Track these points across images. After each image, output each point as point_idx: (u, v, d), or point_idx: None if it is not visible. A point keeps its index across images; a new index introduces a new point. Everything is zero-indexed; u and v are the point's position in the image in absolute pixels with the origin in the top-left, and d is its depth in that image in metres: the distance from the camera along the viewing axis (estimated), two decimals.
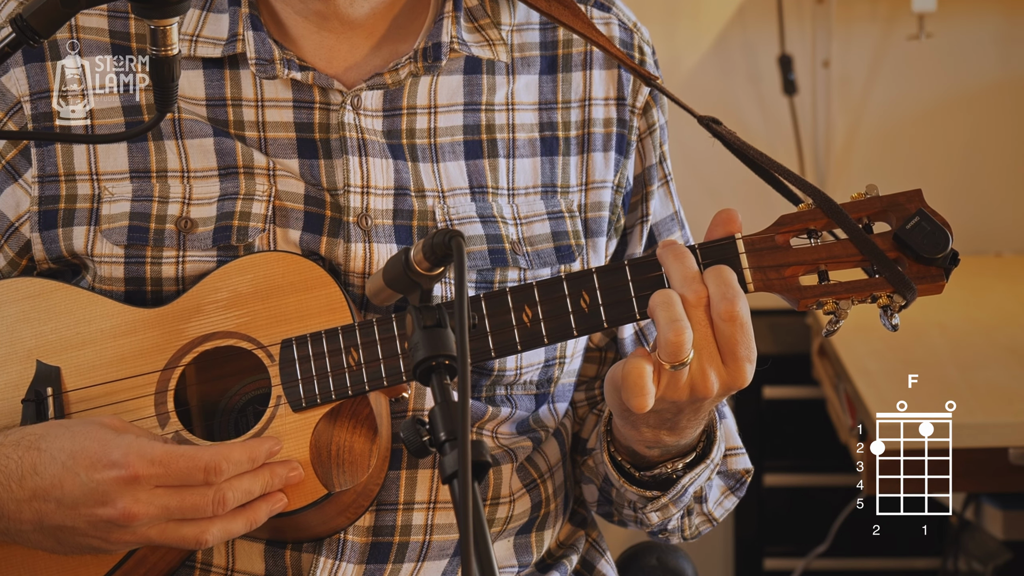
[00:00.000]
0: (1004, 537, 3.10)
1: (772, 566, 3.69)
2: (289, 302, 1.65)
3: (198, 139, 1.72)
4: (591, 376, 1.89)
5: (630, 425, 1.64)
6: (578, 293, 1.60)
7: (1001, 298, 3.39)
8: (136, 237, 1.70)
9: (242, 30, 1.73)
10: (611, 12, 1.84)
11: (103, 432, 1.58)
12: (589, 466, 1.87)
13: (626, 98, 1.82)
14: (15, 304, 1.70)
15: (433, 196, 1.73)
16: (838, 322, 1.58)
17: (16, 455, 1.58)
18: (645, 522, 1.79)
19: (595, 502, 1.89)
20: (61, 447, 1.57)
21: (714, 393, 1.56)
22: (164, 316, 1.67)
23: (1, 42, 1.43)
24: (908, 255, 1.57)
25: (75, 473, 1.56)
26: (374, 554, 1.71)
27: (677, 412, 1.60)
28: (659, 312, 1.54)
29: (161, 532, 1.57)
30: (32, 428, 1.61)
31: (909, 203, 1.58)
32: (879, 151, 3.83)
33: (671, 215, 1.88)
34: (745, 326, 1.54)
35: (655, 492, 1.73)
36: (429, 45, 1.75)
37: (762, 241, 1.59)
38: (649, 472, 1.71)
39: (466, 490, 1.24)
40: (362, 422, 1.64)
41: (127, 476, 1.55)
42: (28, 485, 1.57)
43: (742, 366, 1.55)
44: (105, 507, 1.55)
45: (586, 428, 1.89)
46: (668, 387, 1.55)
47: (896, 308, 1.57)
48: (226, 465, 1.56)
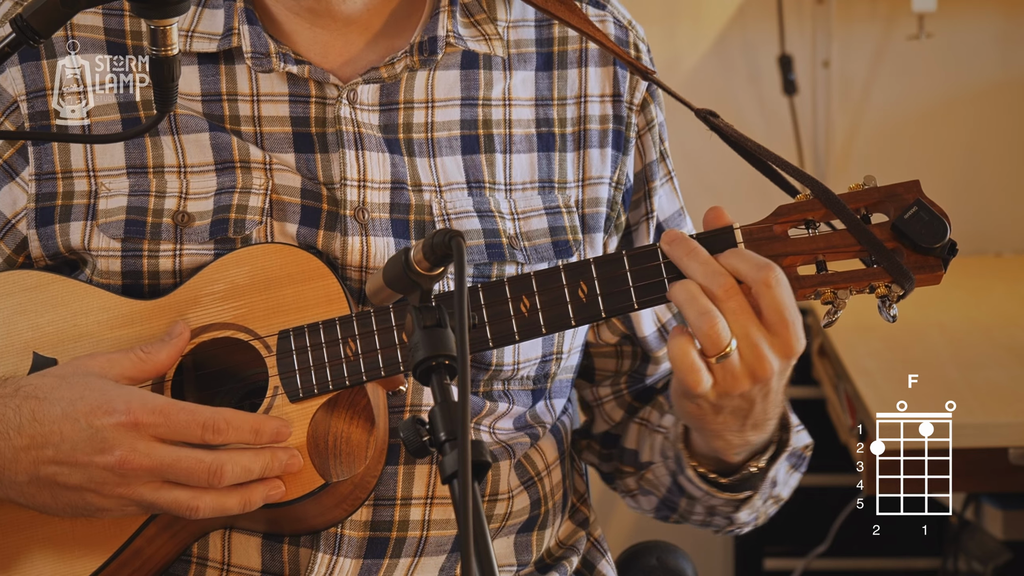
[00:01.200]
0: (1004, 537, 3.09)
1: (772, 566, 3.69)
2: (287, 293, 1.65)
3: (194, 134, 1.73)
4: (612, 370, 1.90)
5: (713, 436, 1.64)
6: (576, 283, 1.60)
7: (1001, 298, 3.39)
8: (133, 231, 1.70)
9: (237, 24, 1.73)
10: (606, 10, 1.84)
11: (103, 383, 1.59)
12: (648, 479, 1.86)
13: (622, 95, 1.82)
14: (12, 297, 1.71)
15: (430, 190, 1.73)
16: (836, 312, 1.58)
17: (14, 404, 1.58)
18: (735, 522, 1.79)
19: (652, 509, 1.89)
20: (61, 395, 1.57)
21: (775, 370, 1.55)
22: (161, 308, 1.67)
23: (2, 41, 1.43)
24: (906, 245, 1.57)
25: (75, 419, 1.56)
26: (371, 549, 1.71)
27: (751, 404, 1.59)
28: (686, 308, 1.54)
29: (155, 491, 1.57)
30: (30, 378, 1.61)
31: (907, 193, 1.59)
32: (879, 151, 3.83)
33: (678, 210, 1.89)
34: (787, 287, 1.54)
35: (747, 492, 1.73)
36: (425, 39, 1.75)
37: (760, 231, 1.59)
38: (736, 476, 1.72)
39: (466, 490, 1.24)
40: (359, 413, 1.64)
41: (127, 422, 1.55)
42: (27, 432, 1.57)
43: (792, 329, 1.54)
44: (103, 454, 1.55)
45: (630, 438, 1.89)
46: (726, 379, 1.55)
47: (894, 298, 1.57)
48: (224, 426, 1.57)
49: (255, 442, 1.59)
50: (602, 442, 1.94)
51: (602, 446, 1.94)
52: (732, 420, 1.61)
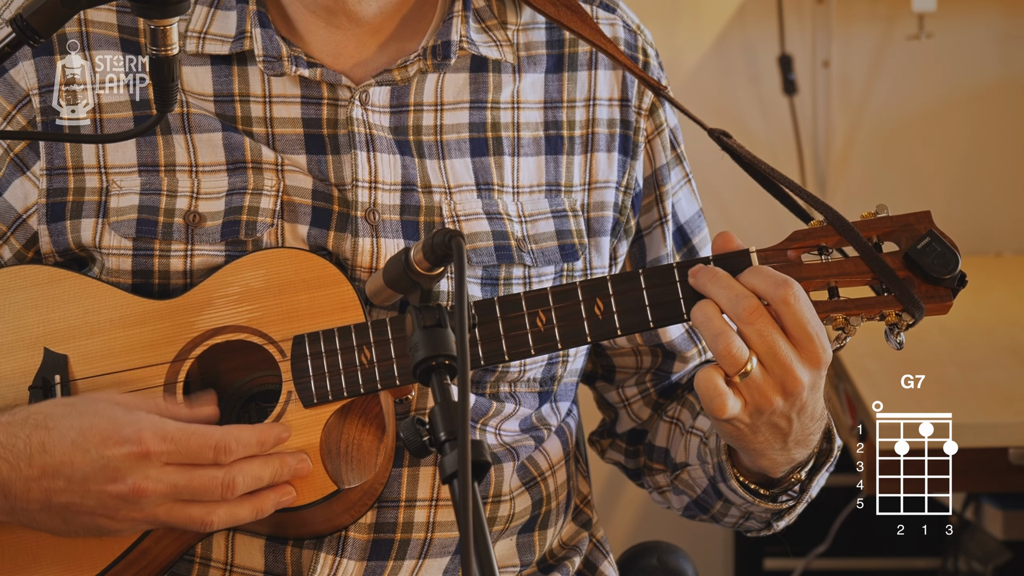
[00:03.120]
0: (1004, 537, 3.09)
1: (772, 566, 3.68)
2: (301, 299, 1.65)
3: (206, 133, 1.73)
4: (633, 368, 1.91)
5: (758, 456, 1.65)
6: (592, 300, 1.61)
7: (1001, 298, 3.38)
8: (144, 230, 1.70)
9: (250, 27, 1.74)
10: (616, 13, 1.84)
11: (112, 409, 1.58)
12: (683, 479, 1.86)
13: (630, 100, 1.82)
14: (23, 291, 1.70)
15: (440, 192, 1.74)
16: (846, 338, 1.61)
17: (24, 434, 1.58)
18: (772, 527, 1.80)
19: (682, 508, 1.90)
20: (70, 424, 1.57)
21: (807, 382, 1.57)
22: (174, 308, 1.67)
23: (2, 41, 1.43)
24: (917, 275, 1.60)
25: (85, 450, 1.56)
26: (375, 551, 1.71)
27: (788, 421, 1.61)
28: (703, 330, 1.57)
29: (168, 511, 1.57)
30: (38, 407, 1.61)
31: (919, 224, 1.62)
32: (879, 151, 3.82)
33: (697, 212, 1.90)
34: (806, 301, 1.56)
35: (788, 503, 1.74)
36: (438, 43, 1.75)
37: (775, 255, 1.62)
38: (778, 488, 1.73)
39: (466, 490, 1.24)
40: (371, 420, 1.65)
41: (138, 452, 1.55)
42: (37, 463, 1.57)
43: (817, 341, 1.56)
44: (115, 483, 1.55)
45: (659, 436, 1.90)
46: (754, 397, 1.57)
47: (903, 326, 1.61)
48: (235, 445, 1.57)
49: (262, 452, 1.59)
50: (628, 439, 1.94)
51: (628, 443, 1.95)
52: (772, 439, 1.63)
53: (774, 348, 1.55)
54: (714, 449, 1.75)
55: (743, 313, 1.56)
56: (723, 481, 1.75)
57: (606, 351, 1.91)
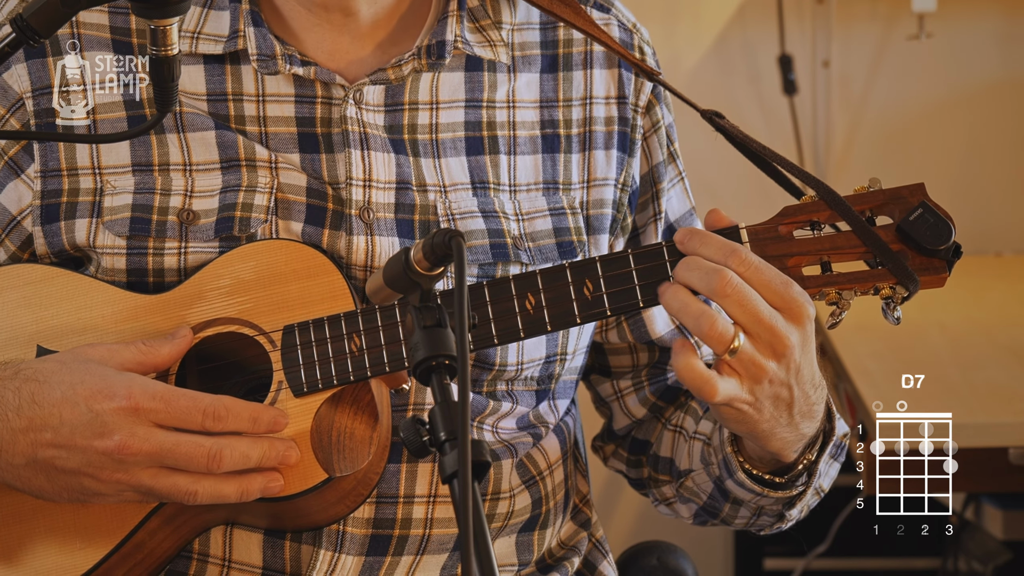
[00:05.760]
0: (1004, 537, 3.09)
1: (772, 566, 3.68)
2: (291, 289, 1.66)
3: (200, 132, 1.73)
4: (629, 366, 1.90)
5: (767, 438, 1.63)
6: (581, 281, 1.60)
7: (1001, 298, 3.38)
8: (138, 228, 1.70)
9: (243, 26, 1.74)
10: (610, 13, 1.84)
11: (103, 369, 1.58)
12: (688, 487, 1.85)
13: (627, 97, 1.82)
14: (16, 290, 1.71)
15: (435, 191, 1.74)
16: (841, 313, 1.59)
17: (14, 386, 1.58)
18: (785, 519, 1.78)
19: (691, 516, 1.89)
20: (61, 379, 1.57)
21: (795, 340, 1.55)
22: (166, 302, 1.68)
23: (1, 42, 1.43)
24: (911, 247, 1.58)
25: (74, 403, 1.56)
26: (374, 546, 1.71)
27: (788, 388, 1.58)
28: (683, 316, 1.55)
29: (153, 477, 1.56)
30: (29, 362, 1.61)
31: (912, 196, 1.60)
32: (879, 151, 3.83)
33: (688, 210, 1.90)
34: (758, 262, 1.54)
35: (799, 488, 1.72)
36: (433, 43, 1.75)
37: (765, 231, 1.60)
38: (791, 473, 1.71)
39: (466, 490, 1.24)
40: (363, 408, 1.65)
41: (128, 407, 1.55)
42: (25, 415, 1.57)
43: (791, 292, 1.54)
44: (102, 439, 1.55)
45: (663, 446, 1.89)
46: (748, 369, 1.55)
47: (899, 300, 1.58)
48: (225, 413, 1.57)
49: (253, 430, 1.59)
50: (630, 448, 1.94)
51: (630, 452, 1.94)
52: (778, 413, 1.60)
53: (757, 314, 1.53)
54: (718, 446, 1.74)
55: (718, 287, 1.53)
56: (730, 477, 1.74)
57: (603, 348, 1.91)
